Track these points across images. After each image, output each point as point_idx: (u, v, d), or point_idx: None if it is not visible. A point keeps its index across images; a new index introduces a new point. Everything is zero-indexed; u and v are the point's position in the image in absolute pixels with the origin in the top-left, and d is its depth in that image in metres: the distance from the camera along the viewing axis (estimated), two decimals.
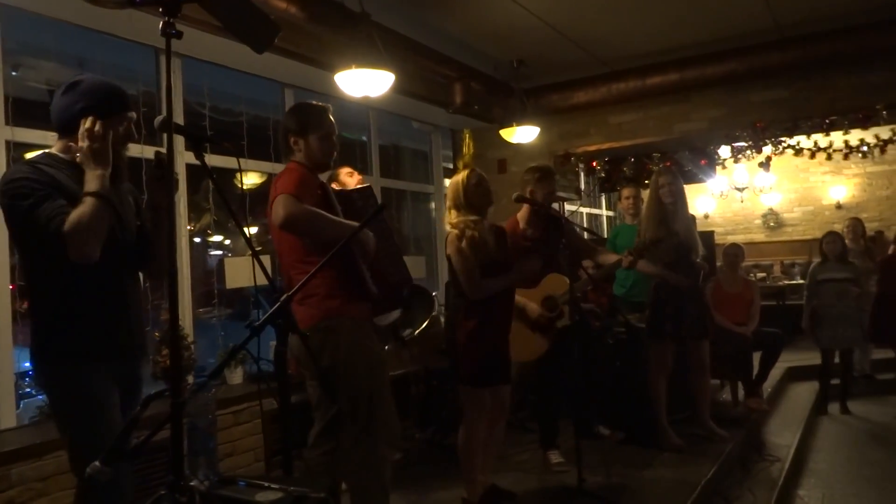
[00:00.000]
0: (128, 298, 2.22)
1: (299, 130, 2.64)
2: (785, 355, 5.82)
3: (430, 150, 7.21)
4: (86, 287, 2.08)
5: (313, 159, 2.64)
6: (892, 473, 4.62)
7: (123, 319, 2.19)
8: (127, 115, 2.17)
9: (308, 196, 2.46)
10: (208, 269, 5.69)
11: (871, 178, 10.91)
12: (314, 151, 2.63)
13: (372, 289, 2.57)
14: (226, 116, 5.00)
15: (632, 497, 3.51)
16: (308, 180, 2.54)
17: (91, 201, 1.98)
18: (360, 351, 2.50)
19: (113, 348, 2.15)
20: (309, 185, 2.52)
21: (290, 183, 2.47)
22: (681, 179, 4.45)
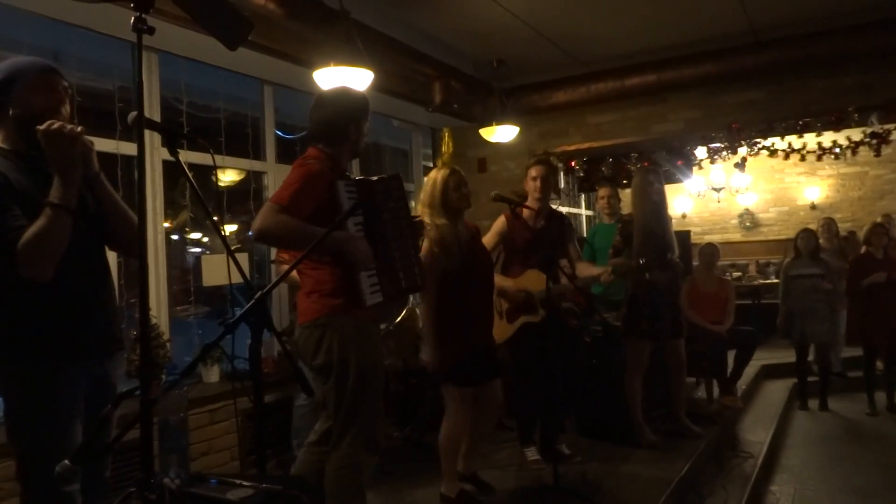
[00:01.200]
0: (96, 293, 2.13)
1: (359, 117, 2.61)
2: (759, 353, 5.91)
3: (411, 149, 7.21)
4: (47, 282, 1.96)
5: (356, 147, 2.63)
6: (863, 469, 4.71)
7: (91, 315, 2.09)
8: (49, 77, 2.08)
9: (305, 203, 2.36)
10: (186, 267, 5.64)
11: (844, 179, 11.10)
12: (360, 139, 2.62)
13: (368, 302, 2.39)
14: (204, 113, 4.96)
15: (607, 493, 3.55)
16: (312, 183, 2.41)
17: (49, 215, 1.88)
18: (355, 352, 2.45)
19: (80, 347, 2.05)
20: (311, 189, 2.39)
21: (285, 191, 2.37)
22: (662, 180, 4.52)
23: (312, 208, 2.38)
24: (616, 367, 4.55)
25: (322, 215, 2.35)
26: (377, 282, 2.43)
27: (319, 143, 2.58)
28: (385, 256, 2.45)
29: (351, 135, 2.58)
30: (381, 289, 2.44)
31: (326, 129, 2.58)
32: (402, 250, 2.51)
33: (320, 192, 2.40)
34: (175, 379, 2.14)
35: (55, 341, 2.00)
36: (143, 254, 1.66)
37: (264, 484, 1.57)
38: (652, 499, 3.46)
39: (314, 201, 2.38)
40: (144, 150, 1.79)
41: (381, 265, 2.45)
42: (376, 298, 2.42)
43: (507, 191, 4.04)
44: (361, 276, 2.37)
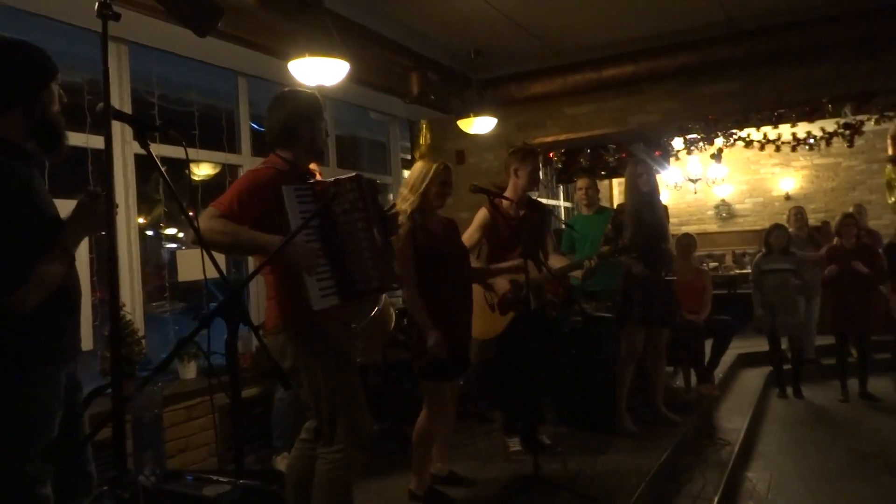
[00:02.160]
0: (74, 298, 2.10)
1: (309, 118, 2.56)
2: (736, 342, 5.99)
3: (388, 141, 7.16)
4: None
5: (314, 147, 2.58)
6: (837, 454, 4.80)
7: (71, 320, 2.07)
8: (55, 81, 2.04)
9: (250, 208, 2.35)
10: (161, 263, 5.56)
11: (818, 170, 11.27)
12: (317, 138, 2.56)
13: (317, 306, 2.32)
14: (177, 106, 4.87)
15: (587, 482, 3.56)
16: (260, 188, 2.39)
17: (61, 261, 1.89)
18: (318, 357, 2.44)
19: (61, 350, 2.02)
20: (258, 194, 2.38)
21: (228, 196, 2.36)
22: (654, 171, 4.57)
23: (256, 214, 2.37)
24: (595, 357, 4.58)
25: (270, 221, 2.34)
26: (333, 284, 2.38)
27: (276, 149, 2.57)
28: (339, 259, 2.40)
29: (304, 136, 2.54)
30: (338, 291, 2.39)
31: (279, 133, 2.56)
32: (358, 252, 2.44)
33: (266, 198, 2.37)
34: (148, 375, 2.09)
35: (38, 346, 1.96)
36: (112, 248, 1.63)
37: (242, 480, 1.55)
38: (631, 487, 3.48)
39: (257, 208, 2.36)
40: (112, 141, 1.75)
41: (336, 268, 2.40)
42: (329, 302, 2.36)
43: (485, 182, 4.03)
44: (308, 280, 2.30)
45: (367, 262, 2.43)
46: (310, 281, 2.30)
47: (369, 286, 2.45)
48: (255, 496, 1.52)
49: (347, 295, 2.41)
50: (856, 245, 6.05)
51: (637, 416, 4.54)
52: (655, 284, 4.37)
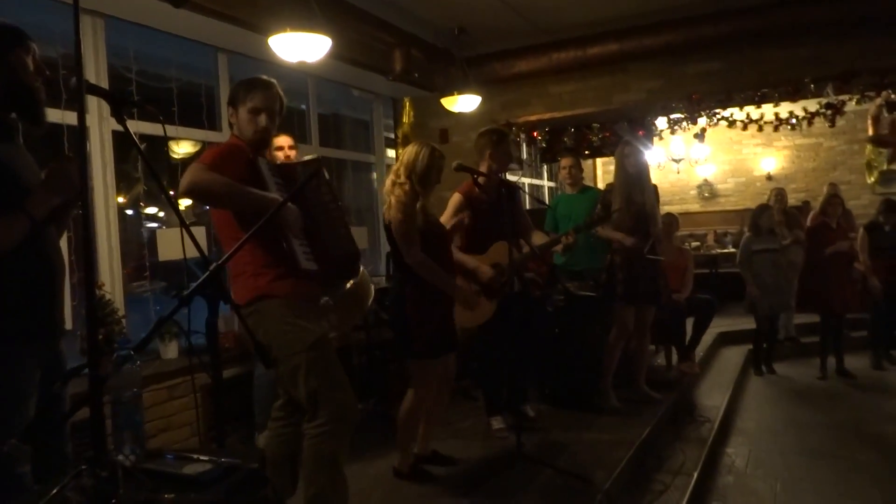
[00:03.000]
0: (53, 270, 2.09)
1: (231, 101, 2.57)
2: (716, 321, 6.06)
3: (371, 119, 7.10)
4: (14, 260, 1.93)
5: (241, 133, 2.54)
6: (814, 430, 4.89)
7: (44, 299, 2.05)
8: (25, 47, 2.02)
9: (228, 169, 2.35)
10: (141, 242, 5.49)
11: (800, 150, 11.35)
12: (241, 125, 2.54)
13: (304, 265, 2.42)
14: (155, 82, 4.78)
15: (570, 459, 3.60)
16: (234, 154, 2.44)
17: (17, 221, 1.87)
18: (288, 331, 2.43)
19: (49, 325, 2.03)
20: (233, 159, 2.41)
21: (208, 154, 2.40)
22: (643, 153, 4.62)
23: (234, 178, 2.37)
24: (578, 336, 4.61)
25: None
26: (310, 251, 2.47)
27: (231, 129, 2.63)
28: (314, 230, 2.50)
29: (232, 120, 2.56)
30: (315, 258, 2.48)
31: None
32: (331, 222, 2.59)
33: (239, 163, 2.41)
34: (126, 353, 2.08)
35: (19, 323, 1.96)
36: (88, 226, 1.60)
37: (223, 458, 1.54)
38: (613, 463, 3.53)
39: (233, 170, 2.38)
40: (85, 116, 1.70)
41: (311, 239, 2.49)
42: (311, 265, 2.46)
43: (470, 161, 4.01)
44: (294, 241, 2.39)
45: (340, 230, 2.59)
46: (295, 245, 2.39)
47: (341, 252, 2.59)
48: (237, 474, 1.51)
49: (324, 261, 2.50)
50: (838, 224, 6.13)
51: (619, 393, 4.59)
52: (641, 263, 4.41)
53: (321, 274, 2.52)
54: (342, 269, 2.73)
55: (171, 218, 6.92)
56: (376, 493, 3.27)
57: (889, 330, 6.60)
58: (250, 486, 1.49)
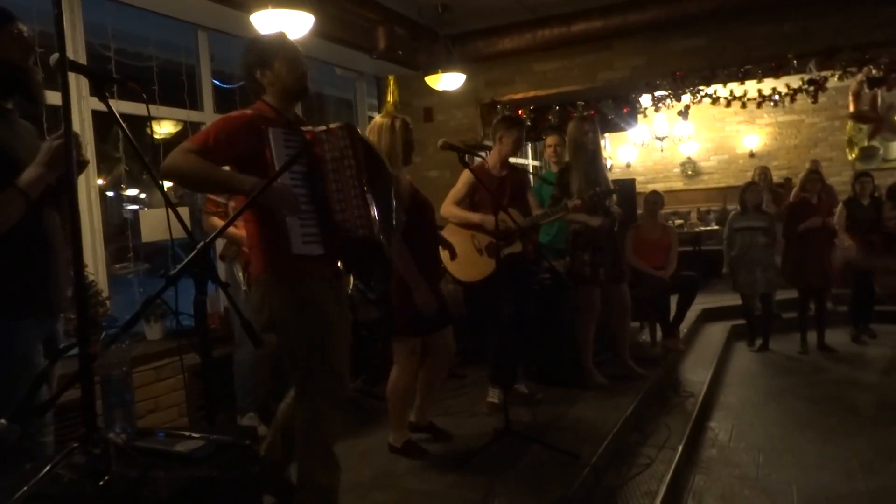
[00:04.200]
0: (55, 254, 2.10)
1: (259, 63, 2.45)
2: (700, 298, 6.12)
3: (355, 98, 7.04)
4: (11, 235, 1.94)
5: (283, 87, 2.44)
6: (796, 403, 4.98)
7: (50, 275, 2.07)
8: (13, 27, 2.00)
9: (224, 147, 2.28)
10: (122, 224, 5.43)
11: (782, 127, 11.42)
12: (280, 79, 2.43)
13: (297, 249, 2.29)
14: (134, 60, 4.70)
15: (557, 434, 3.65)
16: (234, 128, 2.33)
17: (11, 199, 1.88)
18: (295, 310, 2.37)
19: (39, 304, 2.04)
20: (230, 134, 2.31)
21: (201, 132, 2.31)
22: (598, 129, 4.58)
23: (233, 155, 2.32)
24: (563, 314, 4.64)
25: (249, 163, 2.29)
26: (317, 233, 2.34)
27: (259, 97, 2.50)
28: (325, 207, 2.34)
29: (266, 80, 2.45)
30: (322, 240, 2.35)
31: (248, 83, 2.51)
32: (346, 201, 2.35)
33: (243, 140, 2.31)
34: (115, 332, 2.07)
35: (15, 298, 1.97)
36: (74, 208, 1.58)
37: (215, 435, 1.54)
38: (599, 438, 3.57)
39: (233, 148, 2.30)
40: (70, 96, 1.67)
41: (322, 216, 2.35)
42: (312, 250, 2.33)
43: (455, 140, 4.01)
44: (291, 223, 2.27)
45: (354, 210, 2.35)
46: (292, 224, 2.27)
47: (354, 234, 2.36)
48: (228, 451, 1.51)
49: (331, 243, 2.37)
50: (818, 200, 6.19)
51: (604, 369, 4.64)
52: (605, 242, 4.44)
53: (328, 257, 2.40)
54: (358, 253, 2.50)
55: (153, 199, 6.85)
56: (366, 470, 3.29)
57: (868, 305, 6.72)
58: (242, 463, 1.50)
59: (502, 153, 4.10)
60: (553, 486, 2.98)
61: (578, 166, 4.36)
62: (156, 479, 1.30)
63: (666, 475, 3.47)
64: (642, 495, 3.26)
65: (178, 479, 1.32)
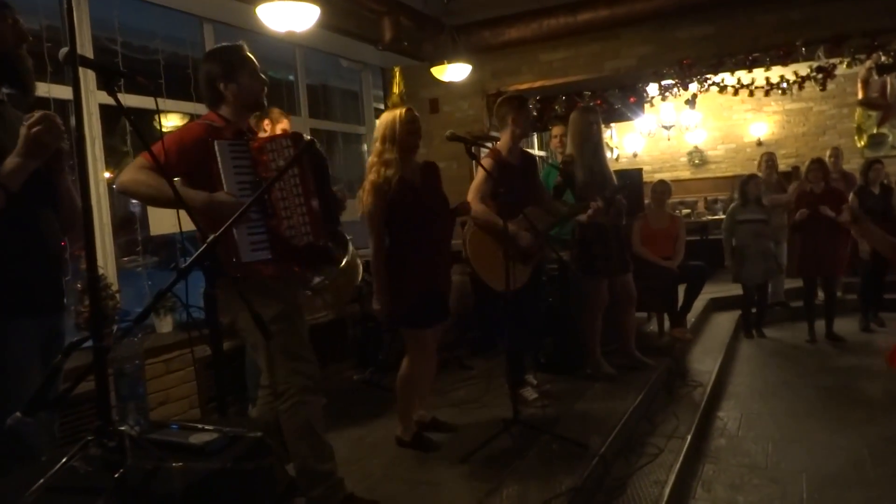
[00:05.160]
0: (50, 251, 2.11)
1: (226, 76, 2.48)
2: (708, 287, 6.11)
3: (361, 90, 7.03)
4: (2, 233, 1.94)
5: (244, 100, 2.50)
6: (803, 392, 4.97)
7: (45, 272, 2.07)
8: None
9: (176, 160, 2.32)
10: (131, 217, 5.45)
11: (790, 115, 11.32)
12: (245, 92, 2.48)
13: (245, 258, 2.34)
14: (140, 54, 4.70)
15: (565, 425, 3.65)
16: (183, 141, 2.39)
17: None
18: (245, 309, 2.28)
19: (35, 302, 2.03)
20: (181, 147, 2.36)
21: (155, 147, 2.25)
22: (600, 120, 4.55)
23: (185, 169, 2.37)
24: (570, 305, 4.64)
25: (197, 175, 2.36)
26: (265, 239, 2.40)
27: (213, 107, 2.55)
28: (272, 214, 2.41)
29: (225, 93, 2.48)
30: (270, 246, 2.40)
31: (206, 92, 2.54)
32: (291, 209, 2.43)
33: (193, 153, 2.36)
34: (128, 325, 2.08)
35: (9, 296, 1.97)
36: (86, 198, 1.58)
37: (227, 428, 1.55)
38: (608, 428, 3.58)
39: (185, 162, 2.36)
40: (80, 89, 1.67)
41: (269, 223, 2.41)
42: (260, 256, 2.38)
43: (461, 131, 3.99)
44: (238, 232, 2.31)
45: (300, 217, 2.43)
46: (240, 233, 2.32)
47: (301, 242, 2.45)
48: (241, 443, 1.52)
49: (280, 250, 2.42)
50: (825, 189, 6.14)
51: (612, 360, 4.64)
52: (612, 234, 4.43)
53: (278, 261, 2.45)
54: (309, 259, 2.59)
55: None
56: (375, 461, 3.31)
57: (877, 293, 6.69)
58: (255, 455, 1.51)
59: (516, 134, 3.95)
60: (562, 477, 2.98)
61: (582, 157, 4.34)
62: (171, 472, 1.31)
63: (675, 464, 3.47)
64: (651, 484, 3.27)
65: (193, 472, 1.33)
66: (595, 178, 4.29)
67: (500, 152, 3.93)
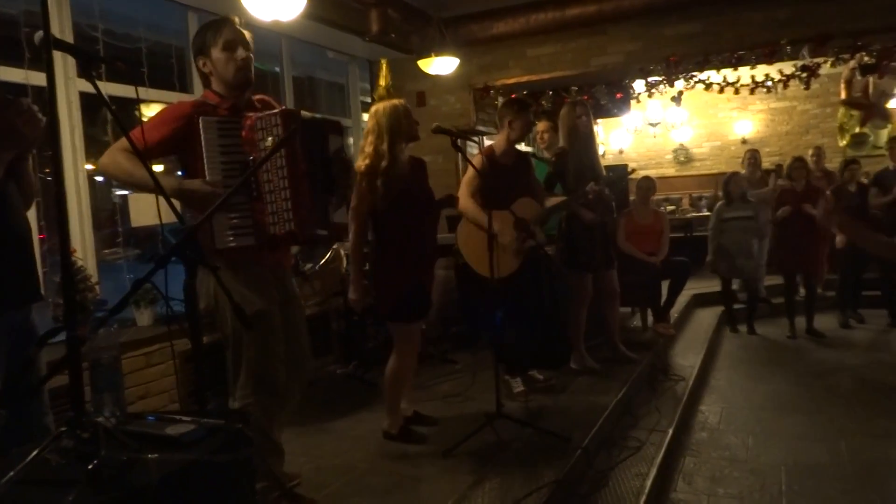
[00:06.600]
0: (16, 237, 2.06)
1: (199, 51, 2.42)
2: (691, 283, 6.14)
3: (347, 82, 6.98)
4: None
5: (222, 79, 2.40)
6: (784, 386, 5.01)
7: (16, 261, 2.03)
8: None
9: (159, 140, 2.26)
10: (112, 208, 5.38)
11: (774, 113, 11.42)
12: (218, 69, 2.38)
13: (220, 245, 2.26)
14: (123, 42, 4.64)
15: (549, 418, 3.66)
16: (167, 121, 2.32)
17: None
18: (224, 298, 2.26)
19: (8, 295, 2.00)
20: (164, 127, 2.30)
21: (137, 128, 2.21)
22: (591, 113, 4.55)
23: (169, 148, 2.31)
24: (555, 300, 4.64)
25: (187, 154, 2.30)
26: (250, 224, 2.30)
27: (205, 85, 2.49)
28: (257, 199, 2.30)
29: (206, 69, 2.42)
30: (254, 233, 2.31)
31: (197, 70, 2.49)
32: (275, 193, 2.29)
33: (174, 130, 2.30)
34: (103, 315, 2.04)
35: None
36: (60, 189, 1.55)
37: (206, 419, 1.53)
38: (590, 422, 3.59)
39: (166, 141, 2.29)
40: (55, 75, 1.64)
41: (254, 208, 2.31)
42: (243, 241, 2.29)
43: (447, 125, 3.97)
44: (217, 217, 2.21)
45: (283, 203, 2.29)
46: (218, 218, 2.23)
47: (282, 230, 2.31)
48: (220, 434, 1.50)
49: (262, 237, 2.33)
50: (806, 187, 6.21)
51: (596, 354, 4.66)
52: (597, 229, 4.45)
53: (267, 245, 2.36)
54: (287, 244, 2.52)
55: None
56: (359, 455, 3.30)
57: (855, 289, 6.78)
58: (234, 446, 1.49)
59: (511, 138, 3.97)
60: (545, 470, 2.99)
61: (573, 152, 4.36)
62: (146, 463, 1.29)
63: (656, 457, 3.49)
64: (633, 477, 3.28)
65: (169, 463, 1.31)
66: (586, 171, 4.31)
67: (493, 151, 3.98)
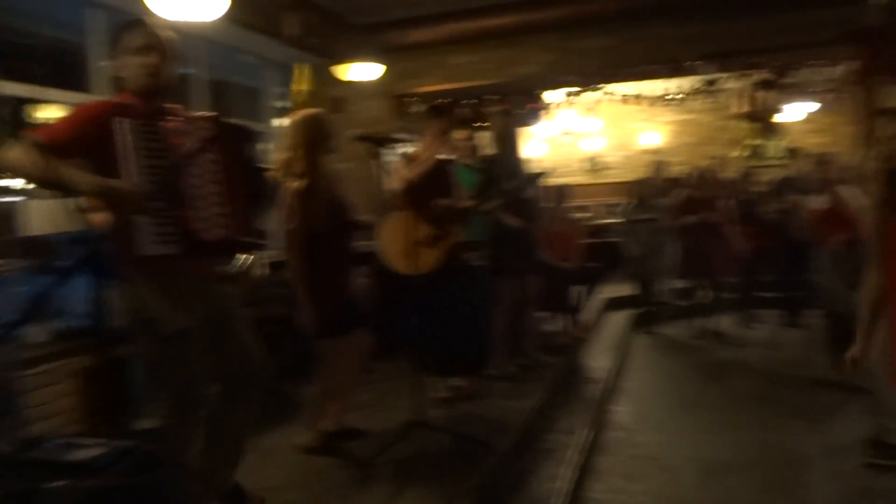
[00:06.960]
0: None
1: (115, 51, 2.31)
2: (604, 287, 6.37)
3: (262, 87, 6.81)
4: None
5: (135, 82, 2.28)
6: (693, 384, 5.30)
7: None
8: None
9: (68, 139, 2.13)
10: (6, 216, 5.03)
11: (681, 125, 12.00)
12: (131, 72, 2.27)
13: (146, 250, 2.10)
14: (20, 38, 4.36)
15: (469, 424, 3.69)
16: (77, 120, 2.20)
17: None
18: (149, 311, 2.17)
19: None
20: (73, 126, 2.18)
21: (55, 123, 2.15)
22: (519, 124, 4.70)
23: (83, 147, 2.16)
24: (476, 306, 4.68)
25: (100, 156, 2.14)
26: (174, 231, 2.17)
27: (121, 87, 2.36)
28: (182, 204, 2.19)
29: (121, 73, 2.31)
30: (179, 240, 2.18)
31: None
32: (204, 198, 2.22)
33: (87, 130, 2.16)
34: None
35: None
36: None
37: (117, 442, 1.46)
38: (509, 426, 3.65)
39: (78, 140, 2.15)
40: None
41: (179, 214, 2.19)
42: (167, 249, 2.15)
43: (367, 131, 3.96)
44: (141, 222, 2.10)
45: (214, 209, 2.22)
46: (143, 223, 2.10)
47: (211, 236, 2.22)
48: (132, 457, 1.43)
49: (190, 244, 2.20)
50: (707, 196, 6.57)
51: (513, 360, 4.73)
52: (524, 235, 4.54)
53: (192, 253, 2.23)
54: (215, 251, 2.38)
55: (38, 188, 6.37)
56: (276, 469, 3.21)
57: (755, 291, 7.21)
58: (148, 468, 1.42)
59: (432, 144, 4.03)
60: (464, 476, 3.01)
61: (503, 158, 4.51)
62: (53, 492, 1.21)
63: (572, 459, 3.58)
64: (549, 479, 3.36)
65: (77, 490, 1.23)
66: (513, 177, 4.42)
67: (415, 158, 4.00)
